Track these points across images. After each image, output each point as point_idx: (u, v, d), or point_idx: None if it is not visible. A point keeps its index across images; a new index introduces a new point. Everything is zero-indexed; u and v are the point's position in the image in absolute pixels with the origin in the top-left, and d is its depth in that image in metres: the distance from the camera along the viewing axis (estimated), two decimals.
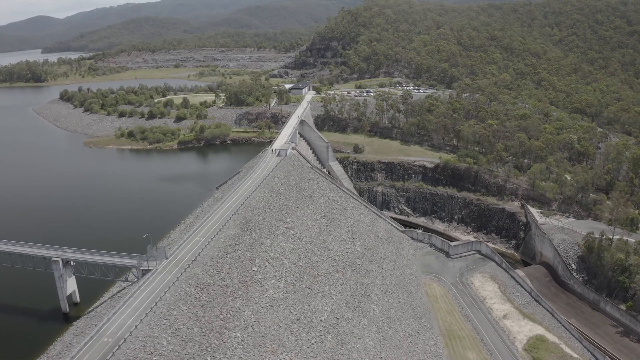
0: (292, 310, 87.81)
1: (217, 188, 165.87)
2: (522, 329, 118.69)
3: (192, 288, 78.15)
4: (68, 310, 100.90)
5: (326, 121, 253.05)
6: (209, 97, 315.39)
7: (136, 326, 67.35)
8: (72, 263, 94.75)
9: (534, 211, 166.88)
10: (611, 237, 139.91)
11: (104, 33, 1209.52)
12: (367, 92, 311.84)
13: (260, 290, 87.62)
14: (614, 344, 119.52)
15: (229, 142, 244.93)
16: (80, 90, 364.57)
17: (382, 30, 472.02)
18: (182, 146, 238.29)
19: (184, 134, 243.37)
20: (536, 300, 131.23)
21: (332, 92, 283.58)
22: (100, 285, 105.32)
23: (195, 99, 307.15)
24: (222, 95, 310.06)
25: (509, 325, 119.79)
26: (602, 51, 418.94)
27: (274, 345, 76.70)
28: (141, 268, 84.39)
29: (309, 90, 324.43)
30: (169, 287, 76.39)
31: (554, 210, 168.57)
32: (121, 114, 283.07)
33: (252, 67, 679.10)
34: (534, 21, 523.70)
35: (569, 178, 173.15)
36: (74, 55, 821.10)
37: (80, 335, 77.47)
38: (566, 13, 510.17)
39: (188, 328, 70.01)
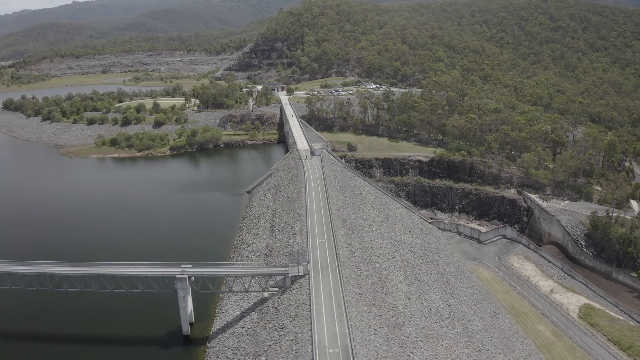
0: (422, 302, 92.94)
1: (248, 192, 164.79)
2: (570, 300, 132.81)
3: (356, 288, 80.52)
4: (190, 332, 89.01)
5: (312, 121, 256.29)
6: (176, 101, 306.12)
7: (351, 332, 66.91)
8: (192, 279, 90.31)
9: (534, 196, 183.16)
10: (611, 215, 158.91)
11: (7, 41, 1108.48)
12: (337, 91, 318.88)
13: (393, 285, 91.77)
14: (636, 306, 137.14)
15: (222, 145, 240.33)
16: (24, 97, 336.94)
17: (328, 31, 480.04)
18: (175, 152, 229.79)
19: (174, 139, 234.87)
20: (569, 275, 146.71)
21: (313, 92, 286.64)
22: (206, 300, 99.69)
23: (162, 103, 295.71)
24: (193, 99, 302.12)
25: (559, 299, 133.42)
26: (531, 47, 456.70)
27: (435, 336, 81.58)
28: (290, 275, 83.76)
29: (279, 90, 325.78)
30: (343, 290, 77.37)
31: (549, 194, 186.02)
32: (90, 122, 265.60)
33: (184, 71, 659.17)
34: (462, 19, 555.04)
35: (557, 165, 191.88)
36: None
37: (265, 354, 71.49)
38: (492, 11, 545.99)
39: (380, 327, 72.46)
